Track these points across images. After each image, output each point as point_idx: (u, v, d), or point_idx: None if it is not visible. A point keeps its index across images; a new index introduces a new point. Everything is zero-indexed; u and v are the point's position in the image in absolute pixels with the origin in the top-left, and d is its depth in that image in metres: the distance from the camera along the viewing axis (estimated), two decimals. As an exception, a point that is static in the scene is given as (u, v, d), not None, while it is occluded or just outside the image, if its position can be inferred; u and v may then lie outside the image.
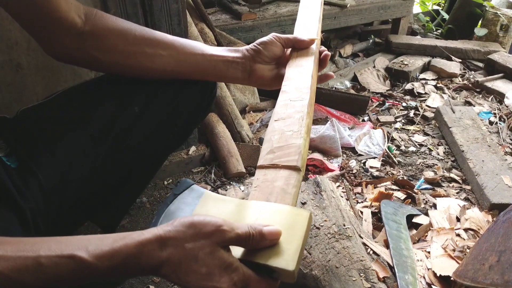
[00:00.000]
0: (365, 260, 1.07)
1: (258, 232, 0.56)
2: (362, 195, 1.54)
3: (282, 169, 0.70)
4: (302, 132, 0.75)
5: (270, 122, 0.81)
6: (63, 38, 0.77)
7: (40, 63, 1.25)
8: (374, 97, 2.28)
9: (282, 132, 0.76)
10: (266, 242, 0.57)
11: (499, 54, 2.58)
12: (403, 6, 2.79)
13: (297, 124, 0.77)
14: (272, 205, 0.64)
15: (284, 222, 0.61)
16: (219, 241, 0.54)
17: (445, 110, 1.99)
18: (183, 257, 0.52)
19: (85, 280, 0.51)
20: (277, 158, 0.72)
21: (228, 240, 0.55)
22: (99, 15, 0.81)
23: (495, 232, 0.94)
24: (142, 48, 0.83)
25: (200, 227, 0.53)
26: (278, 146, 0.74)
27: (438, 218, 1.39)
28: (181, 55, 0.87)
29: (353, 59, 2.74)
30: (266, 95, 2.15)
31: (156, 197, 1.53)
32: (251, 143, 1.79)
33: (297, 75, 0.88)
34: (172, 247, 0.52)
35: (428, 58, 2.66)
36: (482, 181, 1.52)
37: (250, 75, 0.91)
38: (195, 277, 0.53)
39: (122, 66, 0.85)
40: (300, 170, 0.69)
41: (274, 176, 0.70)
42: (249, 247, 0.58)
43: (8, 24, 1.17)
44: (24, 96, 1.27)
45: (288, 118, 0.79)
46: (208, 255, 0.53)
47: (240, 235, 0.55)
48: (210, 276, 0.53)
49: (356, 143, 1.84)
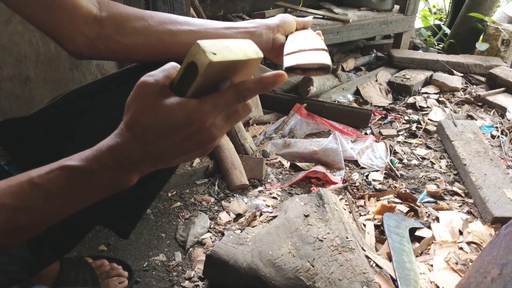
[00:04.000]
0: (368, 272, 1.07)
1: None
2: (365, 208, 1.55)
3: (310, 51, 0.75)
4: (319, 37, 0.85)
5: (286, 43, 0.87)
6: (82, 28, 0.76)
7: (48, 76, 1.28)
8: (376, 111, 2.30)
9: (300, 38, 0.85)
10: None
11: (500, 68, 2.60)
12: (405, 21, 2.82)
13: (312, 34, 0.86)
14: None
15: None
16: (152, 92, 0.52)
17: (447, 123, 2.01)
18: (149, 132, 0.52)
19: (85, 186, 0.53)
20: (303, 46, 0.77)
21: (153, 81, 0.52)
22: (111, 2, 0.80)
23: (497, 245, 0.94)
24: (163, 25, 0.82)
25: (135, 97, 0.53)
26: (302, 43, 0.81)
27: (440, 231, 1.40)
28: (201, 28, 0.85)
29: (356, 73, 2.76)
30: (269, 108, 2.17)
31: (160, 209, 1.54)
32: (255, 155, 1.80)
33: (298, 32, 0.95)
34: (138, 128, 0.52)
35: (430, 72, 2.68)
36: (485, 194, 1.52)
37: (274, 43, 0.91)
38: (168, 147, 0.53)
39: (145, 47, 0.83)
40: (327, 51, 0.76)
41: (305, 44, 0.78)
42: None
43: (18, 38, 1.20)
44: (32, 108, 1.29)
45: (301, 36, 0.88)
46: (155, 113, 0.52)
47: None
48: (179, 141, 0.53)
49: (359, 156, 1.85)
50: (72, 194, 0.53)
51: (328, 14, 2.54)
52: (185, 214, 1.52)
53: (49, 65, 0.88)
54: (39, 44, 1.23)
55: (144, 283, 1.23)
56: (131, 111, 0.53)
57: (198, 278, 1.24)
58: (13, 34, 1.19)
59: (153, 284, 1.23)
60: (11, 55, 1.21)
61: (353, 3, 2.88)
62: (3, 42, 1.19)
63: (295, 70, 0.65)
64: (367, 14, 2.71)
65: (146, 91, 0.52)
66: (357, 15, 2.66)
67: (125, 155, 0.53)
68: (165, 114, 0.51)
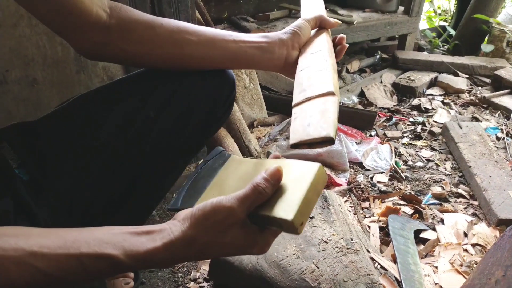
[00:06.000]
0: (373, 274, 1.07)
1: (260, 180, 0.58)
2: (369, 210, 1.55)
3: (316, 98, 0.71)
4: (329, 68, 0.76)
5: (296, 74, 0.82)
6: (90, 34, 0.76)
7: (55, 78, 1.29)
8: (381, 112, 2.30)
9: (309, 76, 0.78)
10: (271, 185, 0.58)
11: (505, 70, 2.59)
12: (410, 22, 2.82)
13: (322, 64, 0.78)
14: (284, 161, 0.65)
15: (292, 175, 0.61)
16: (233, 222, 0.57)
17: (452, 125, 2.00)
18: (209, 246, 0.58)
19: (117, 274, 0.56)
20: (310, 93, 0.73)
21: (240, 215, 0.57)
22: (124, 8, 0.79)
23: (501, 247, 0.94)
24: (170, 35, 0.81)
25: (211, 216, 0.57)
26: (308, 85, 0.75)
27: (445, 233, 1.40)
28: (210, 40, 0.82)
29: (360, 75, 2.76)
30: (274, 110, 2.18)
31: (165, 210, 1.54)
32: (259, 157, 1.80)
33: (311, 47, 0.89)
34: (198, 244, 0.57)
35: (435, 74, 2.68)
36: (490, 196, 1.52)
37: (286, 61, 0.86)
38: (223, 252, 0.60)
39: (150, 56, 0.82)
40: (335, 94, 0.70)
41: (310, 105, 0.71)
42: (261, 200, 0.58)
43: (25, 41, 1.21)
44: (39, 110, 1.30)
45: (312, 64, 0.80)
46: (231, 239, 0.58)
47: (244, 197, 0.57)
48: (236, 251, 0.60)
49: (364, 158, 1.86)
50: (105, 278, 0.55)
51: (332, 16, 2.55)
52: (190, 215, 1.52)
53: (56, 67, 0.89)
54: (46, 47, 1.25)
55: (149, 284, 1.24)
56: (204, 226, 0.57)
57: (203, 279, 1.25)
58: (20, 37, 1.20)
59: (159, 285, 1.24)
60: (18, 58, 1.23)
61: (358, 4, 2.88)
62: (10, 45, 1.21)
63: (301, 146, 0.66)
64: (372, 15, 2.72)
65: (232, 220, 0.57)
66: (362, 16, 2.67)
67: (175, 259, 0.57)
68: (236, 239, 0.58)
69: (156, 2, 1.32)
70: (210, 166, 0.74)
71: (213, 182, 0.72)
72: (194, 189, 0.72)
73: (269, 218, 0.57)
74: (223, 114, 0.97)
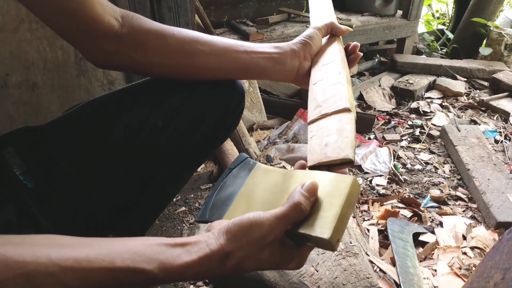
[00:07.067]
0: (372, 277, 1.08)
1: (299, 197, 0.57)
2: (368, 213, 1.56)
3: (332, 115, 0.70)
4: (343, 81, 0.75)
5: (310, 87, 0.81)
6: (101, 43, 0.75)
7: (55, 82, 1.30)
8: (380, 116, 2.30)
9: (323, 89, 0.77)
10: (310, 202, 0.57)
11: (504, 73, 2.61)
12: (408, 26, 2.83)
13: (335, 77, 0.77)
14: (315, 173, 0.64)
15: (325, 189, 0.59)
16: (272, 240, 0.57)
17: (450, 128, 2.01)
18: (245, 262, 0.57)
19: (149, 287, 0.54)
20: (325, 109, 0.72)
21: (279, 233, 0.57)
22: (136, 17, 0.78)
23: (500, 250, 0.94)
24: (182, 46, 0.80)
25: (249, 233, 0.56)
26: (323, 100, 0.74)
27: (444, 236, 1.40)
28: (221, 51, 0.82)
29: (359, 78, 2.77)
30: (273, 113, 2.19)
31: (165, 214, 1.55)
32: (259, 160, 1.81)
33: (323, 57, 0.88)
34: (233, 259, 0.56)
35: (433, 77, 2.68)
36: (488, 199, 1.53)
37: (298, 72, 0.86)
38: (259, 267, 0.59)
39: (162, 66, 0.82)
40: (351, 111, 0.69)
41: (327, 123, 0.70)
42: (300, 218, 0.58)
43: (26, 46, 1.22)
44: (40, 114, 1.31)
45: (325, 78, 0.79)
46: (268, 255, 0.57)
47: (285, 216, 0.56)
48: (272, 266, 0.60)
49: (362, 161, 1.86)
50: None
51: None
52: (189, 218, 1.53)
53: (56, 72, 0.89)
54: (47, 51, 1.25)
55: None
56: (241, 242, 0.56)
57: (203, 283, 1.25)
58: (21, 41, 1.21)
59: (159, 288, 1.24)
60: (19, 62, 1.23)
61: (356, 8, 2.89)
62: (11, 49, 1.21)
63: (321, 168, 0.65)
64: (370, 19, 2.73)
65: (271, 238, 0.56)
66: (360, 20, 2.68)
67: (209, 273, 0.56)
68: (273, 255, 0.57)
69: (156, 7, 1.32)
70: (236, 175, 0.72)
71: (240, 193, 0.70)
72: (221, 200, 0.70)
73: (305, 236, 0.56)
74: (231, 124, 0.96)
